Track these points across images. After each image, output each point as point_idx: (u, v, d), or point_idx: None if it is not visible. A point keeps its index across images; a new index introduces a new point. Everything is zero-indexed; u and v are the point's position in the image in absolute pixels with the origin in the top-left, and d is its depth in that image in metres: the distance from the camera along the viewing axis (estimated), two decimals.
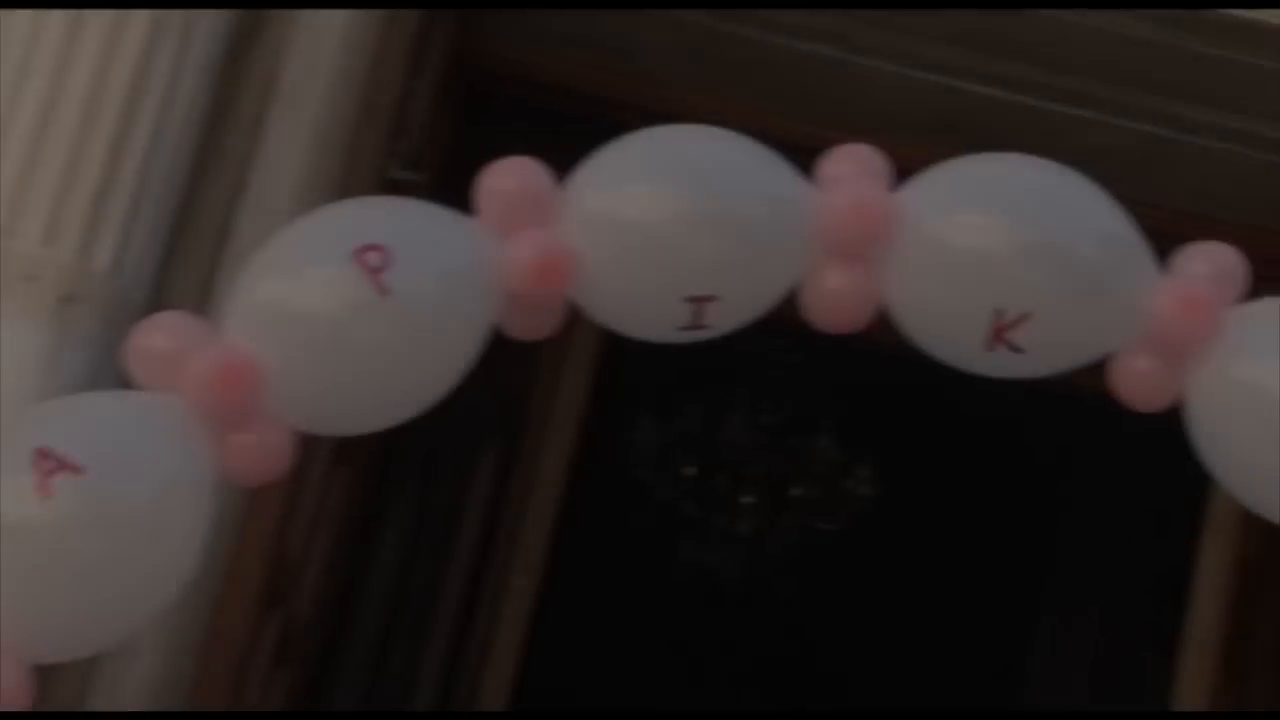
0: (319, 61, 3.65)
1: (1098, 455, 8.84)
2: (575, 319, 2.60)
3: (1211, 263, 2.63)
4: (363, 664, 5.72)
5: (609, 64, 4.48)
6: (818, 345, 8.28)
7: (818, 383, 8.78)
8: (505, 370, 5.42)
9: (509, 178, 2.56)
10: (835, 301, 2.62)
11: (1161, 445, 2.84)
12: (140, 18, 3.42)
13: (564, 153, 2.61)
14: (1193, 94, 4.12)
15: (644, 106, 4.07)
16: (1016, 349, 2.58)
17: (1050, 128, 4.12)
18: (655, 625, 9.36)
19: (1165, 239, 2.65)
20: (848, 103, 4.26)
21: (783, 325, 2.81)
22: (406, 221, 2.55)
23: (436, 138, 4.34)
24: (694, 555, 8.91)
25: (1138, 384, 2.64)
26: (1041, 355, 2.62)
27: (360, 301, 2.42)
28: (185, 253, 3.54)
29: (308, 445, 2.51)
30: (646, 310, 2.60)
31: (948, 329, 2.63)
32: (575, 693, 8.71)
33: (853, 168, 2.62)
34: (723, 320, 2.60)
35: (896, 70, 4.26)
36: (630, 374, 8.02)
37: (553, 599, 6.04)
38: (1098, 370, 2.66)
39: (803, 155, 2.63)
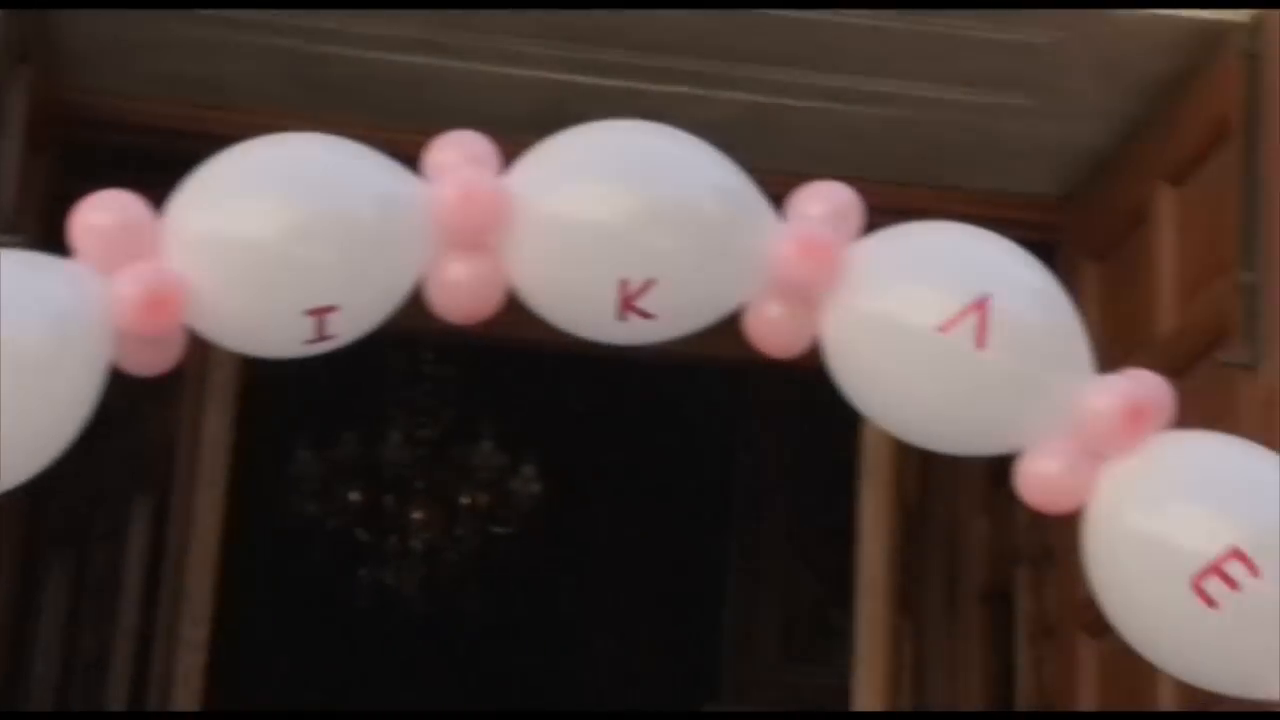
0: None
1: (756, 421, 8.97)
2: (206, 359, 2.53)
3: (827, 202, 2.64)
4: None
5: (203, 100, 4.39)
6: (466, 354, 8.40)
7: (471, 390, 8.76)
8: (148, 421, 5.29)
9: (104, 212, 2.47)
10: (460, 293, 2.57)
11: (816, 403, 2.86)
12: None
13: (173, 194, 2.53)
14: (788, 59, 4.17)
15: (245, 137, 3.98)
16: (648, 315, 2.56)
17: (653, 108, 4.12)
18: (342, 656, 9.26)
19: (783, 204, 2.66)
20: (447, 108, 4.22)
21: (429, 338, 2.76)
22: (4, 272, 2.45)
23: (31, 196, 4.20)
24: (373, 579, 8.85)
25: (772, 331, 2.63)
26: (674, 317, 2.60)
27: None
28: None
29: None
30: (267, 329, 2.52)
31: (577, 305, 2.60)
32: None
33: (458, 155, 2.57)
34: (348, 328, 2.54)
35: (491, 70, 4.24)
36: (280, 408, 7.92)
37: (228, 645, 5.91)
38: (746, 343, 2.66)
39: (413, 166, 2.58)
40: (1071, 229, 4.45)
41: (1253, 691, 2.61)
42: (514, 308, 2.65)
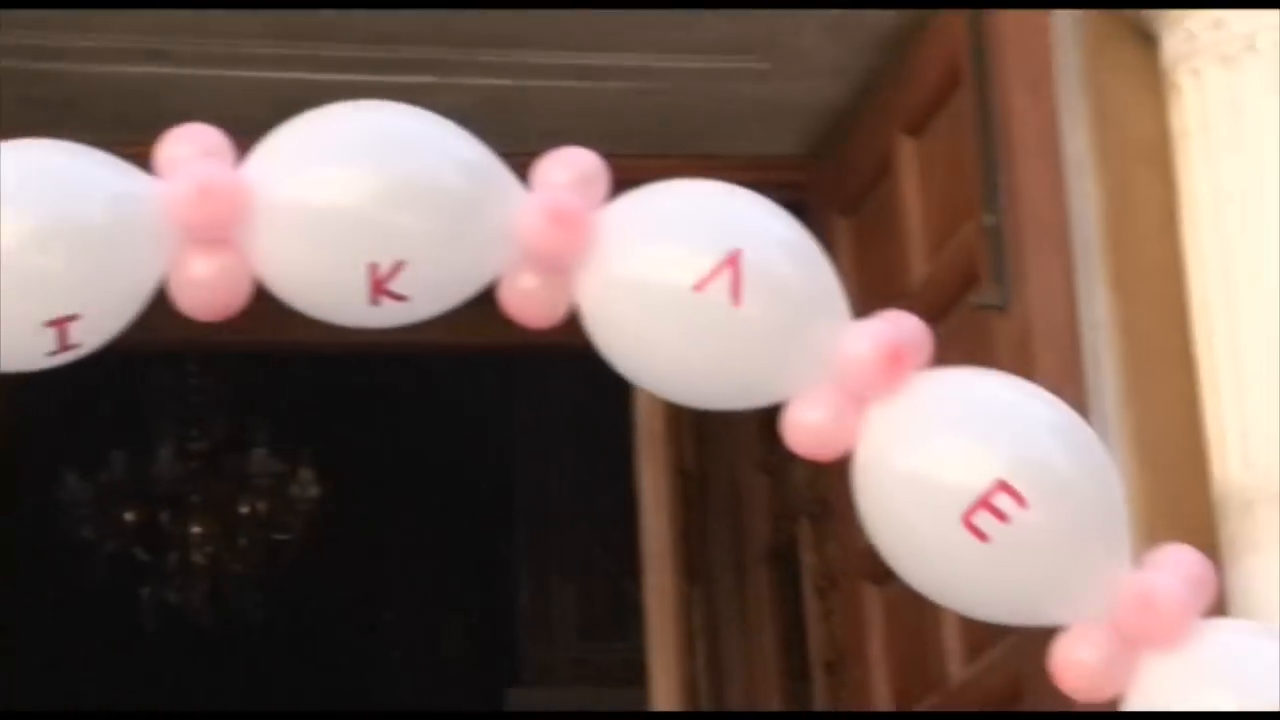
0: None
1: (534, 402, 8.99)
2: None
3: (572, 169, 2.62)
4: None
5: None
6: (231, 361, 8.31)
7: (240, 398, 8.67)
8: None
9: None
10: (204, 290, 2.53)
11: (591, 375, 2.87)
12: None
13: None
14: (523, 41, 4.18)
15: None
16: (401, 297, 2.53)
17: (394, 99, 4.11)
18: (132, 680, 9.12)
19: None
20: (185, 115, 4.16)
21: (191, 349, 2.73)
22: None
23: None
24: (157, 599, 8.73)
25: (527, 303, 2.61)
26: (428, 297, 2.58)
27: None
28: None
29: None
30: (10, 343, 2.45)
31: (326, 293, 2.56)
32: None
33: (191, 150, 2.52)
34: (91, 336, 2.48)
35: (225, 74, 4.18)
36: (44, 435, 7.80)
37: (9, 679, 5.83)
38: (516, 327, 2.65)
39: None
40: (819, 186, 4.51)
41: (1032, 619, 2.67)
42: (276, 309, 2.63)
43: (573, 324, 2.67)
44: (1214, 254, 3.40)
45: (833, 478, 2.88)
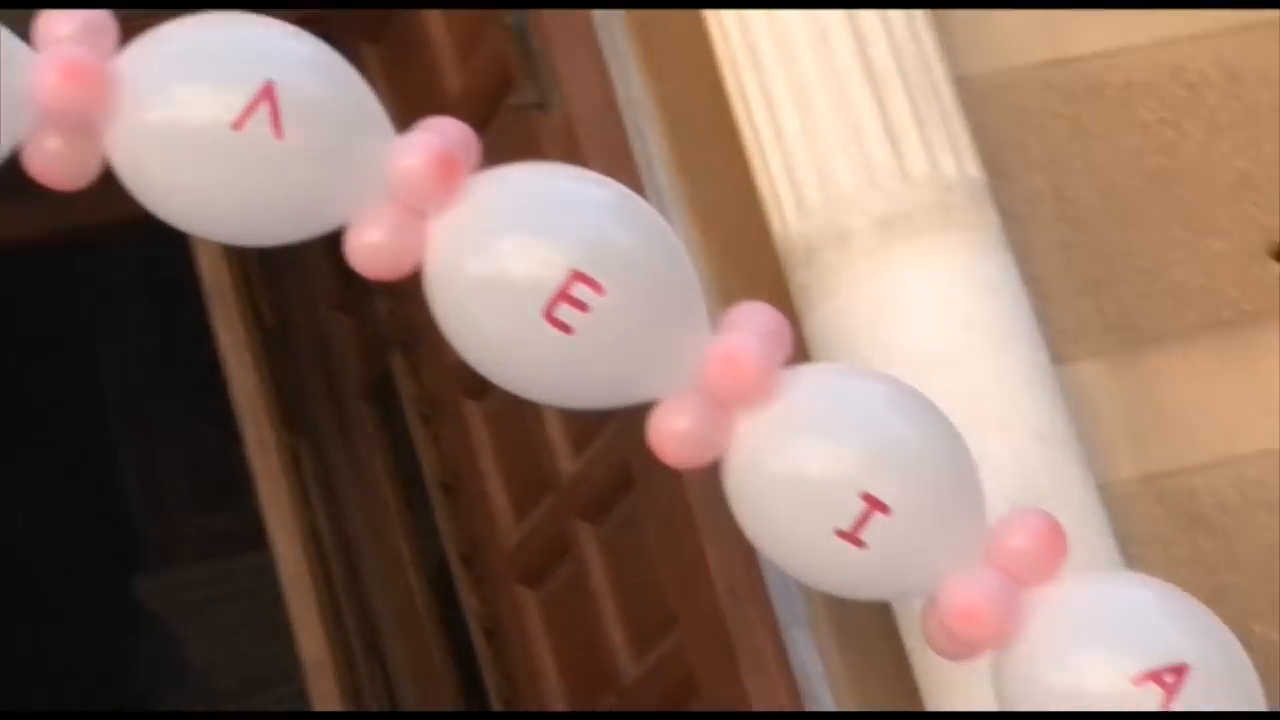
0: None
1: (106, 283, 8.81)
2: None
3: (75, 20, 2.57)
4: None
5: None
6: None
7: None
8: None
9: None
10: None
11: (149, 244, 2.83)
12: None
13: None
14: None
15: None
16: None
17: None
18: None
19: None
20: None
21: None
22: None
23: None
24: None
25: (57, 167, 2.56)
26: None
27: None
28: None
29: None
30: None
31: None
32: None
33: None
34: None
35: None
36: None
37: None
38: None
39: None
40: (340, 16, 4.46)
41: (628, 399, 2.72)
42: None
43: (123, 195, 2.62)
44: (731, 16, 3.46)
45: (415, 304, 2.88)
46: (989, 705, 2.64)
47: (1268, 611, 3.54)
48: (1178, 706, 2.51)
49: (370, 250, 2.59)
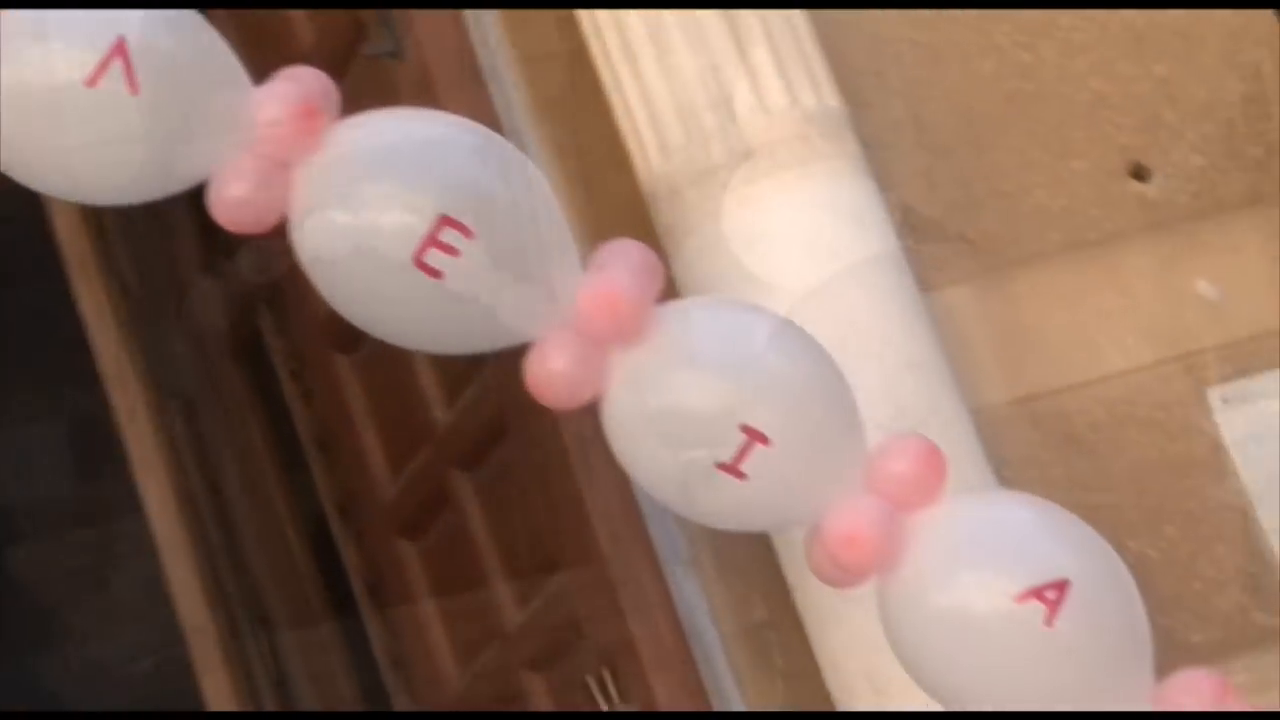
0: None
1: None
2: None
3: None
4: None
5: None
6: None
7: None
8: None
9: None
10: None
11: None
12: None
13: None
14: None
15: None
16: None
17: None
18: None
19: None
20: None
21: None
22: None
23: None
24: None
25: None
26: None
27: None
28: None
29: None
30: None
31: None
32: None
33: None
34: None
35: None
36: None
37: None
38: None
39: None
40: None
41: (502, 342, 2.70)
42: None
43: None
44: None
45: (279, 259, 2.85)
46: (871, 633, 2.65)
47: (1141, 527, 3.59)
48: (1060, 622, 2.53)
49: (233, 204, 2.54)
